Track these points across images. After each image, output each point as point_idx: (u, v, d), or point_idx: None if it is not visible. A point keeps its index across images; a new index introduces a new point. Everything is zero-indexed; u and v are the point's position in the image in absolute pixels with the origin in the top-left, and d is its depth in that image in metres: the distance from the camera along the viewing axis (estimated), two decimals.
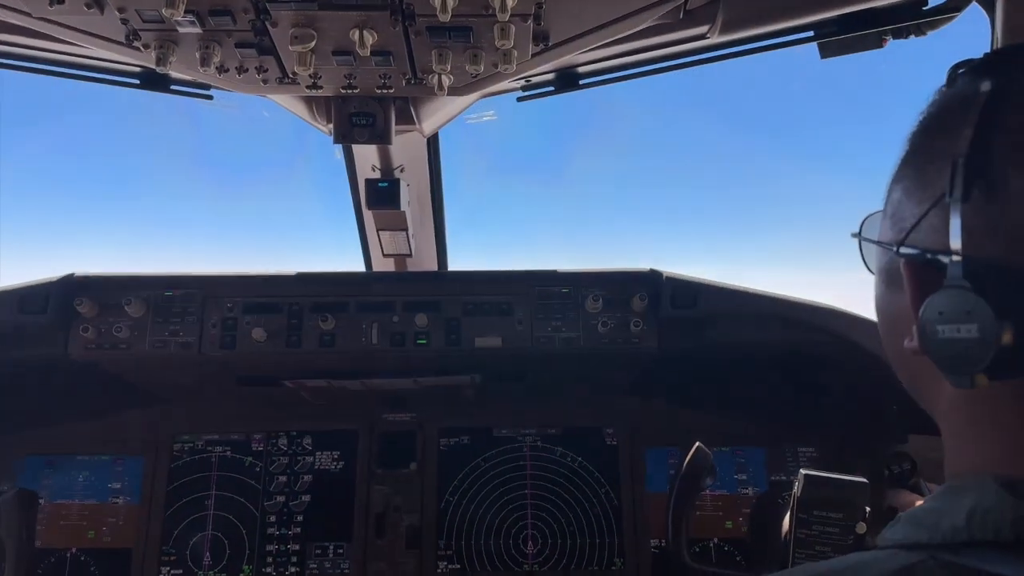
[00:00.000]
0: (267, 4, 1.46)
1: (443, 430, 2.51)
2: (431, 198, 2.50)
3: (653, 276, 2.22)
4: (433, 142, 2.35)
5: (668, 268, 2.25)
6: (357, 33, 1.53)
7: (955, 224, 0.74)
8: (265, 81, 1.75)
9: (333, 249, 3.78)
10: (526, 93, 1.98)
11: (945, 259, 0.75)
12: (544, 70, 1.88)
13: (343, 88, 1.74)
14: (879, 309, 0.93)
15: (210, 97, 2.03)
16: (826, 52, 1.66)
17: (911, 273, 0.82)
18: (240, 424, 2.51)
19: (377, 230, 2.42)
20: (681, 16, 1.58)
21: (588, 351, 2.17)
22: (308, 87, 1.74)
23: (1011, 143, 0.74)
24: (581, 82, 1.90)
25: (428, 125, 2.02)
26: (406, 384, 2.32)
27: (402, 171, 2.31)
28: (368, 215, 2.43)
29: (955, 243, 0.74)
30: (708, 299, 2.18)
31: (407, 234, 2.43)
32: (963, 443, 0.83)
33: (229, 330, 2.17)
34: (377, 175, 2.29)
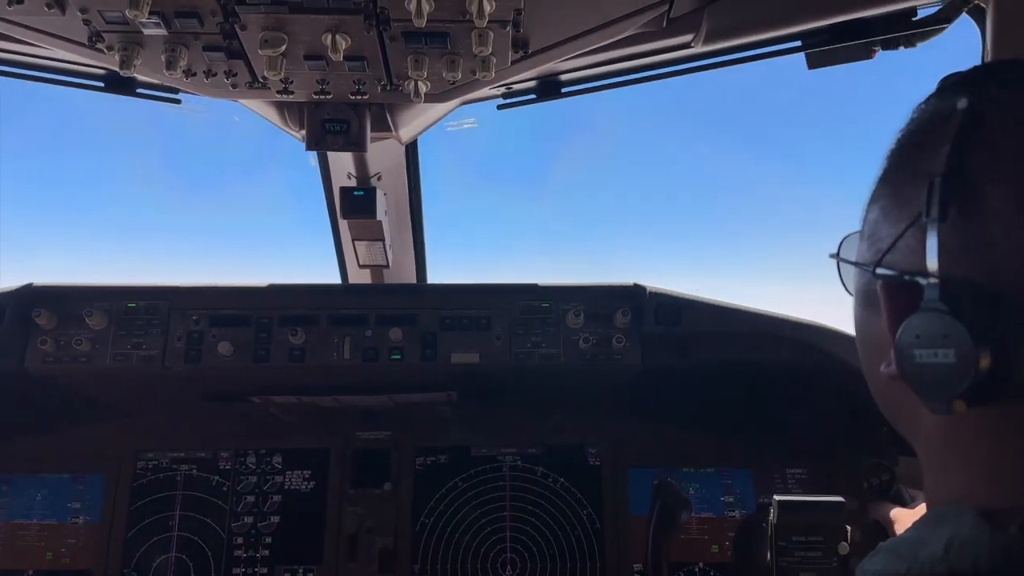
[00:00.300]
0: (236, 7, 1.45)
1: (419, 449, 2.49)
2: (409, 208, 2.48)
3: (636, 291, 2.21)
4: (412, 150, 2.34)
5: (655, 282, 2.24)
6: (329, 37, 1.52)
7: (931, 245, 0.74)
8: (234, 86, 1.73)
9: (309, 260, 3.75)
10: (507, 101, 1.97)
11: (922, 281, 0.75)
12: (525, 77, 1.88)
13: (315, 94, 1.73)
14: (858, 332, 0.93)
15: (178, 101, 2.01)
16: (813, 63, 1.66)
17: (887, 295, 0.81)
18: (207, 441, 2.48)
19: (352, 240, 2.41)
20: (664, 24, 1.57)
21: (569, 368, 2.16)
22: (279, 92, 1.73)
23: (988, 161, 0.73)
24: (563, 90, 1.90)
25: (405, 132, 2.00)
26: (380, 401, 2.30)
27: (379, 179, 2.29)
28: (343, 225, 2.41)
29: (931, 264, 0.74)
30: (693, 315, 2.18)
31: (384, 245, 2.41)
32: (942, 471, 0.83)
33: (194, 344, 2.15)
34: (353, 183, 2.27)
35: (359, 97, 1.72)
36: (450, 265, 2.88)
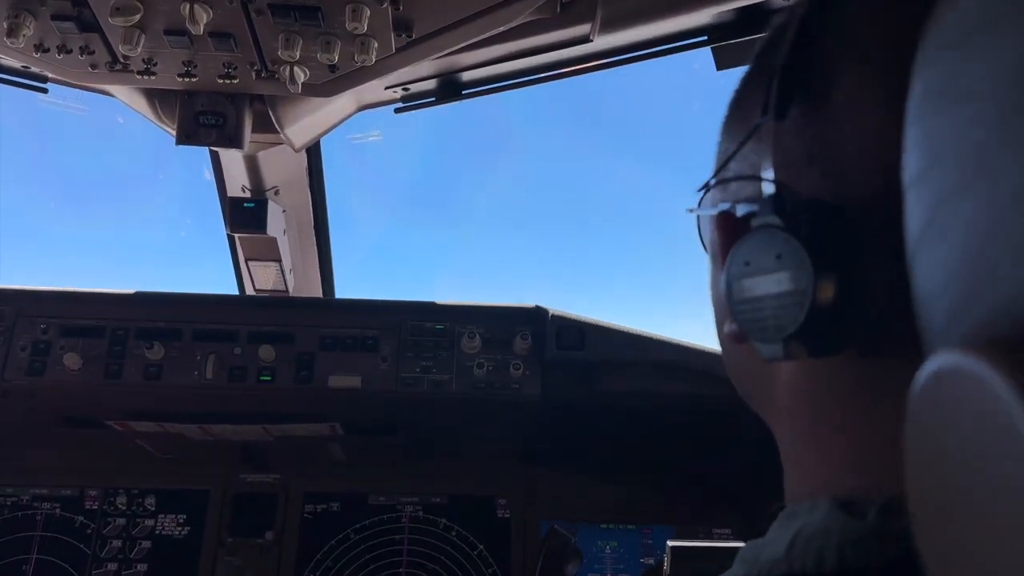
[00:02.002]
0: None
1: (310, 495, 2.28)
2: (314, 227, 2.33)
3: (538, 313, 2.05)
4: (315, 164, 2.21)
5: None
6: (188, 8, 1.41)
7: (767, 151, 0.60)
8: (93, 66, 1.60)
9: (213, 285, 3.56)
10: (405, 104, 1.85)
11: (756, 207, 0.61)
12: (422, 76, 1.76)
13: (180, 76, 1.60)
14: (712, 297, 0.78)
15: (44, 90, 1.86)
16: (722, 61, 1.56)
17: (722, 228, 0.66)
18: (74, 477, 2.26)
19: (246, 261, 2.25)
20: (559, 11, 1.47)
21: (460, 396, 1.97)
22: (141, 73, 1.60)
23: (839, 44, 0.59)
24: (464, 91, 1.78)
25: (296, 135, 1.87)
26: (257, 434, 2.10)
27: (276, 193, 2.16)
28: (240, 248, 2.25)
29: (766, 173, 0.59)
30: (598, 340, 2.01)
31: (281, 267, 2.25)
32: (800, 462, 0.67)
33: (39, 354, 1.95)
34: (247, 196, 2.13)
35: (229, 81, 1.60)
36: (371, 293, 2.68)
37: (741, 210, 0.66)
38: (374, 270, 4.67)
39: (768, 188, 0.59)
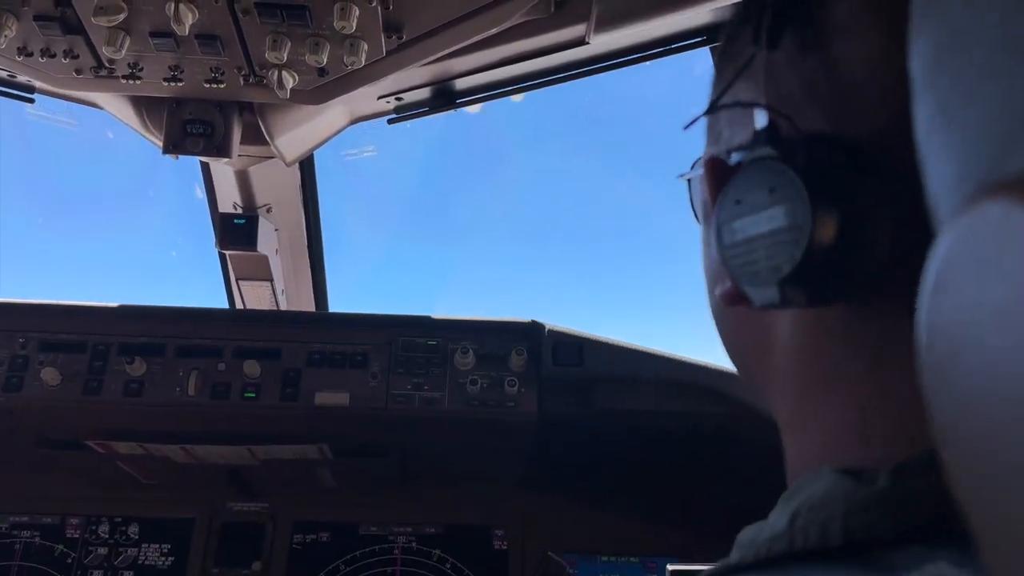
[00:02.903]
0: None
1: (298, 524, 2.21)
2: (308, 246, 2.30)
3: (534, 329, 1.99)
4: (309, 181, 2.18)
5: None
6: (173, 7, 1.39)
7: (759, 85, 0.56)
8: (78, 71, 1.58)
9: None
10: (398, 115, 1.82)
11: (748, 151, 0.56)
12: (415, 84, 1.74)
13: (166, 80, 1.57)
14: (704, 264, 0.73)
15: (31, 100, 1.85)
16: None
17: (712, 175, 0.62)
18: (55, 504, 2.20)
19: (237, 280, 2.21)
20: (552, 10, 1.44)
21: (454, 414, 1.90)
22: (126, 78, 1.58)
23: None
24: (458, 99, 1.75)
25: (287, 147, 1.84)
26: (242, 457, 2.03)
27: (269, 211, 2.12)
28: (228, 262, 2.22)
29: (759, 106, 0.55)
30: (597, 356, 1.95)
31: (272, 287, 2.21)
32: (802, 428, 0.61)
33: (17, 370, 1.89)
34: (238, 213, 2.10)
35: (216, 86, 1.57)
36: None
37: (733, 159, 0.62)
38: (370, 290, 4.64)
39: (760, 121, 0.55)
